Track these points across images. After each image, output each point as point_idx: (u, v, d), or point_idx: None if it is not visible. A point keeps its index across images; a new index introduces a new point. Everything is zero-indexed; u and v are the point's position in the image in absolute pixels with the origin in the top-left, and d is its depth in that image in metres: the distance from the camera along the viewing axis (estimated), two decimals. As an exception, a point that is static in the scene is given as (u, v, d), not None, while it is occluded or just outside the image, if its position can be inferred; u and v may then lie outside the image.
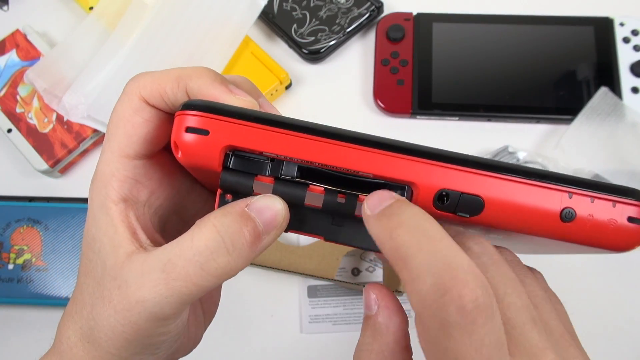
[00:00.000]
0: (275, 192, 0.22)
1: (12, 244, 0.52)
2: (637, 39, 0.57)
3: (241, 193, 0.22)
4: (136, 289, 0.21)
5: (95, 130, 0.56)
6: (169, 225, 0.26)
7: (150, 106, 0.23)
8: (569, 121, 0.55)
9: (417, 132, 0.57)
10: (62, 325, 0.24)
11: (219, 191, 0.22)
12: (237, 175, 0.22)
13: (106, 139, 0.24)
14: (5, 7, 0.65)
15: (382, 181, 0.22)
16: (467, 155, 0.21)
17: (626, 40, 0.57)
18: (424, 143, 0.22)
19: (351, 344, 0.21)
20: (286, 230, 0.23)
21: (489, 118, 0.56)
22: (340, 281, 0.50)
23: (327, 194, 0.22)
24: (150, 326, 0.22)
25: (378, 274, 0.51)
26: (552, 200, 0.21)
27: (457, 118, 0.57)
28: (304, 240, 0.52)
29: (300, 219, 0.23)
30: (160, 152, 0.25)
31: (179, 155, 0.22)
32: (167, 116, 0.24)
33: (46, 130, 0.56)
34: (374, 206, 0.21)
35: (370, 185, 0.22)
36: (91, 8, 0.61)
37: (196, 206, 0.28)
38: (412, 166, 0.21)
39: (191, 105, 0.21)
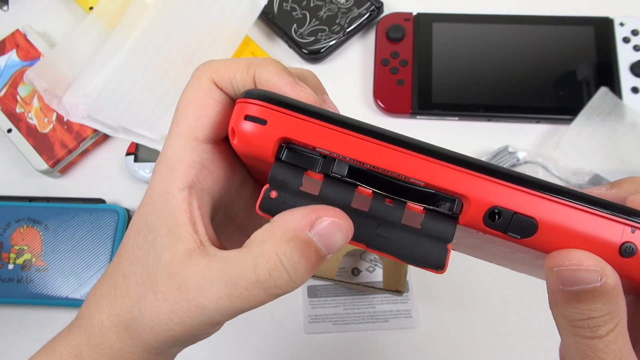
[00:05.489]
0: (323, 189, 0.22)
1: (12, 244, 0.52)
2: (637, 39, 0.57)
3: (289, 186, 0.22)
4: (197, 295, 0.21)
5: (95, 130, 0.56)
6: (214, 220, 0.26)
7: (219, 89, 0.23)
8: (569, 121, 0.55)
9: (417, 132, 0.56)
10: (94, 306, 0.24)
11: (265, 187, 0.22)
12: (288, 167, 0.22)
13: (173, 122, 0.24)
14: (5, 7, 0.65)
15: (433, 191, 0.21)
16: (525, 175, 0.21)
17: (626, 40, 0.57)
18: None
19: (351, 344, 0.21)
20: None
21: (489, 118, 0.56)
22: (340, 281, 0.50)
23: (375, 197, 0.22)
24: (202, 328, 0.22)
25: (378, 274, 0.51)
26: (613, 232, 0.20)
27: (457, 118, 0.57)
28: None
29: None
30: (223, 141, 0.25)
31: (234, 142, 0.22)
32: (232, 103, 0.24)
33: (46, 130, 0.56)
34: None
35: (420, 194, 0.21)
36: (91, 8, 0.61)
37: (241, 202, 0.28)
38: (467, 179, 0.20)
39: (253, 94, 0.22)
